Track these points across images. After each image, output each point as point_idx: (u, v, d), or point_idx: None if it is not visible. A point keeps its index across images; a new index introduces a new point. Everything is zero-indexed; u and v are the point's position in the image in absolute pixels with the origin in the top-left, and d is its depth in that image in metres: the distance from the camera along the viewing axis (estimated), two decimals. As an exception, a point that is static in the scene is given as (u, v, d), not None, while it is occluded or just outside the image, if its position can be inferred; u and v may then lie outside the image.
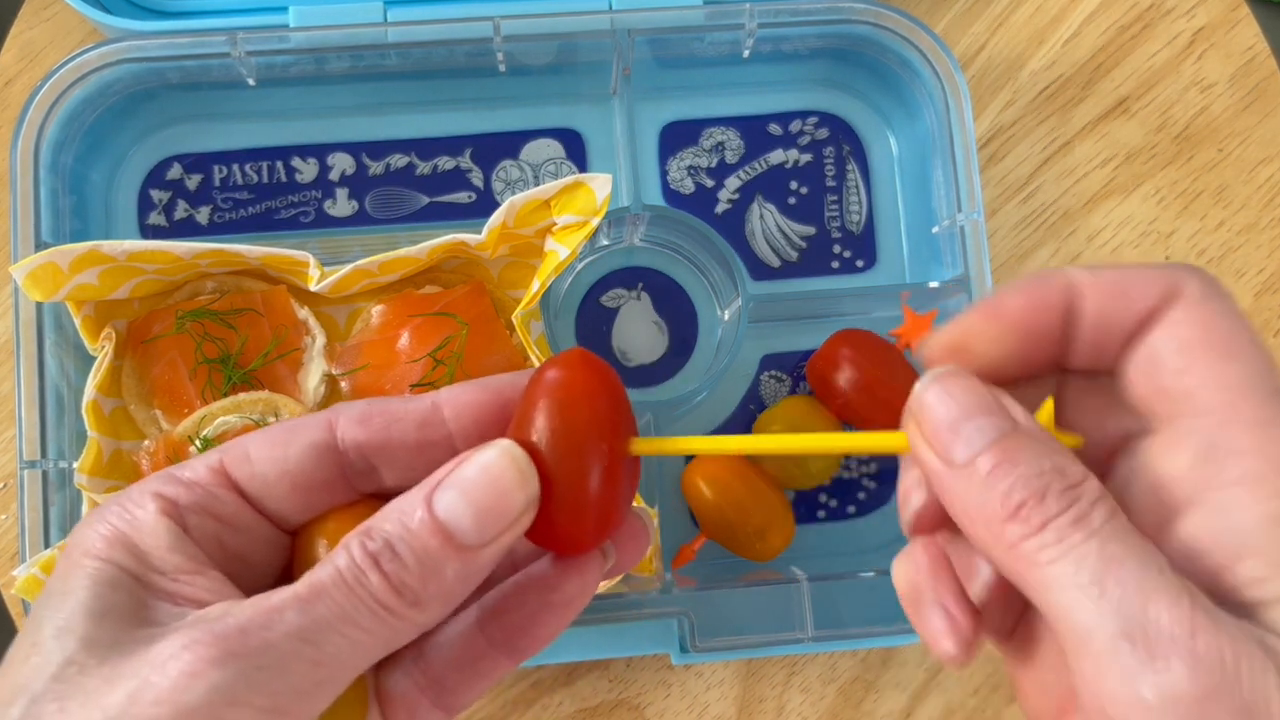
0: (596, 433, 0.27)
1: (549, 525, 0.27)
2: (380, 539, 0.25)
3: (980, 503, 0.25)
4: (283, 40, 0.52)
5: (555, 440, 0.26)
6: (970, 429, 0.25)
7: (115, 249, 0.48)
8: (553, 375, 0.27)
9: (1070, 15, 0.61)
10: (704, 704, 0.55)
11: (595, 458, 0.26)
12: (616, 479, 0.27)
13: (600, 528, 0.27)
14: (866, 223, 0.58)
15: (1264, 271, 0.59)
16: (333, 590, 0.24)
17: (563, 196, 0.49)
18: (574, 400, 0.27)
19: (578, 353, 0.27)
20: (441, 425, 0.28)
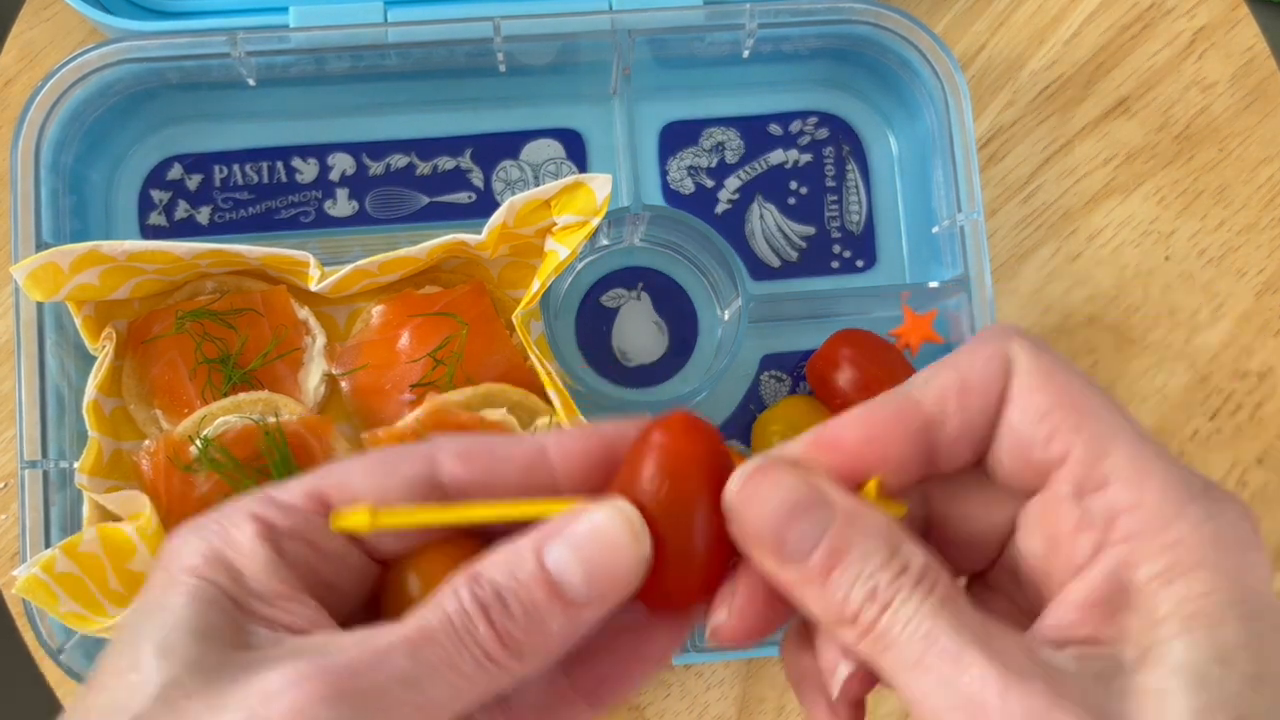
0: (707, 497, 0.27)
1: (656, 584, 0.27)
2: (490, 588, 0.25)
3: (820, 602, 0.25)
4: (283, 40, 0.52)
5: (666, 502, 0.26)
6: (794, 534, 0.25)
7: (115, 249, 0.49)
8: (660, 438, 0.27)
9: (1070, 15, 0.61)
10: (704, 704, 0.55)
11: (704, 521, 0.27)
12: (724, 541, 0.27)
13: (705, 589, 0.27)
14: (866, 223, 0.58)
15: (1264, 271, 0.59)
16: (441, 637, 0.24)
17: (563, 196, 0.49)
18: (684, 464, 0.27)
19: (684, 417, 0.27)
20: (547, 470, 0.28)
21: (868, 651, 0.25)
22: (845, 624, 0.25)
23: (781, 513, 0.25)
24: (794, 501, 0.25)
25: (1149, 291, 0.59)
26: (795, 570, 0.25)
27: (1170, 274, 0.59)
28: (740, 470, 0.26)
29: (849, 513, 0.25)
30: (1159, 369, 0.59)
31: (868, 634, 0.25)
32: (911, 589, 0.24)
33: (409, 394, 0.52)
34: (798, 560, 0.25)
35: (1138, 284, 0.59)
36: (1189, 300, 0.59)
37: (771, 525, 0.25)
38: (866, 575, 0.25)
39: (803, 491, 0.26)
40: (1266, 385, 0.59)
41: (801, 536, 0.25)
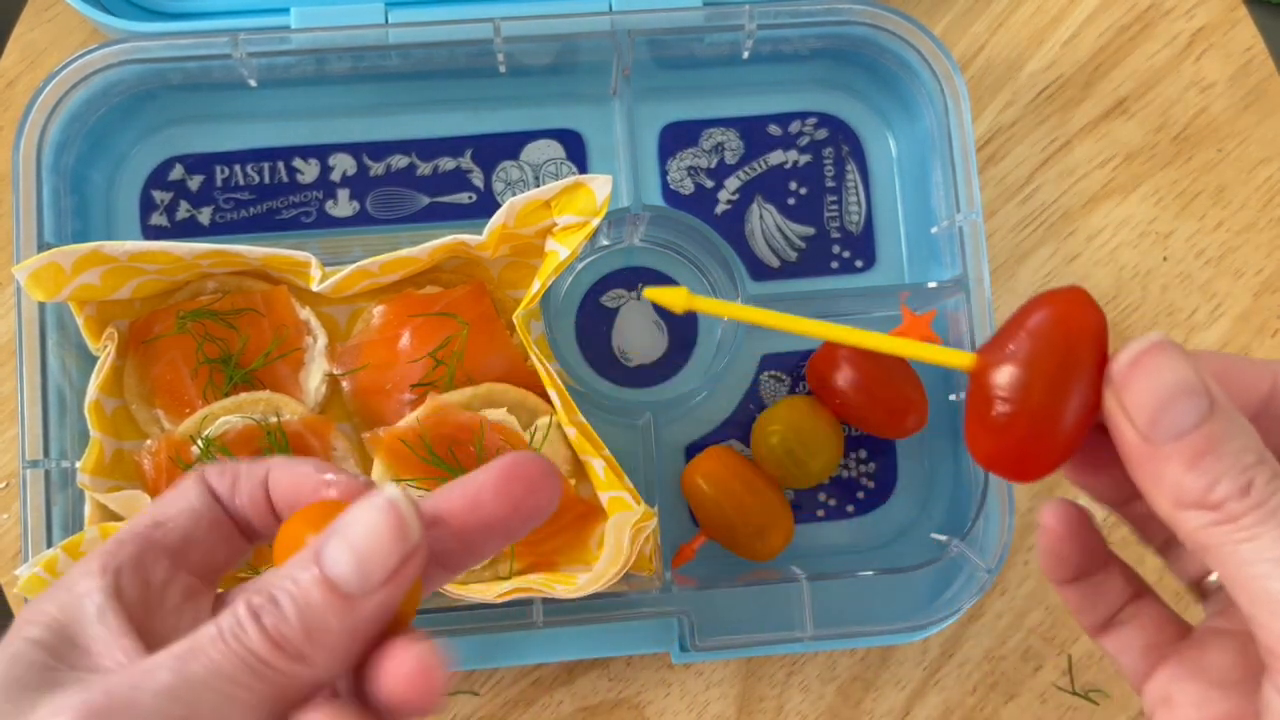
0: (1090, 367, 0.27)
1: (1023, 446, 0.28)
2: (264, 593, 0.25)
3: (1178, 484, 0.26)
4: (284, 41, 0.53)
5: (1053, 366, 0.27)
6: (1174, 411, 0.26)
7: (117, 249, 0.49)
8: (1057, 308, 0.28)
9: (1070, 16, 0.61)
10: (704, 703, 0.56)
11: (1083, 390, 0.27)
12: (1092, 413, 0.27)
13: (1065, 455, 0.28)
14: (865, 223, 0.58)
15: (1262, 272, 0.59)
16: (208, 647, 0.24)
17: (563, 197, 0.49)
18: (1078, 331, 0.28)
19: (1079, 291, 0.28)
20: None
21: (1215, 539, 0.25)
22: (1199, 508, 0.25)
23: (1168, 388, 0.26)
24: (1183, 381, 0.26)
25: (1147, 292, 0.59)
26: (1164, 446, 0.26)
27: (1168, 274, 0.59)
28: (1135, 343, 0.27)
29: (1227, 407, 0.26)
30: (1157, 369, 0.59)
31: (1228, 523, 0.25)
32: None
33: (410, 394, 0.52)
34: (1171, 437, 0.26)
35: (1136, 284, 0.59)
36: (1187, 300, 0.59)
37: (1155, 399, 0.26)
38: (1241, 469, 0.25)
39: (1192, 376, 0.26)
40: (1265, 385, 0.59)
41: (1183, 414, 0.26)
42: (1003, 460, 0.28)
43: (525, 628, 0.50)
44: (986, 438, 0.28)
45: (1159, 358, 0.26)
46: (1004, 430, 0.28)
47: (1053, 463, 0.28)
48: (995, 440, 0.28)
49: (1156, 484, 0.26)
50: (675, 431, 0.56)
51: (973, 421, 0.29)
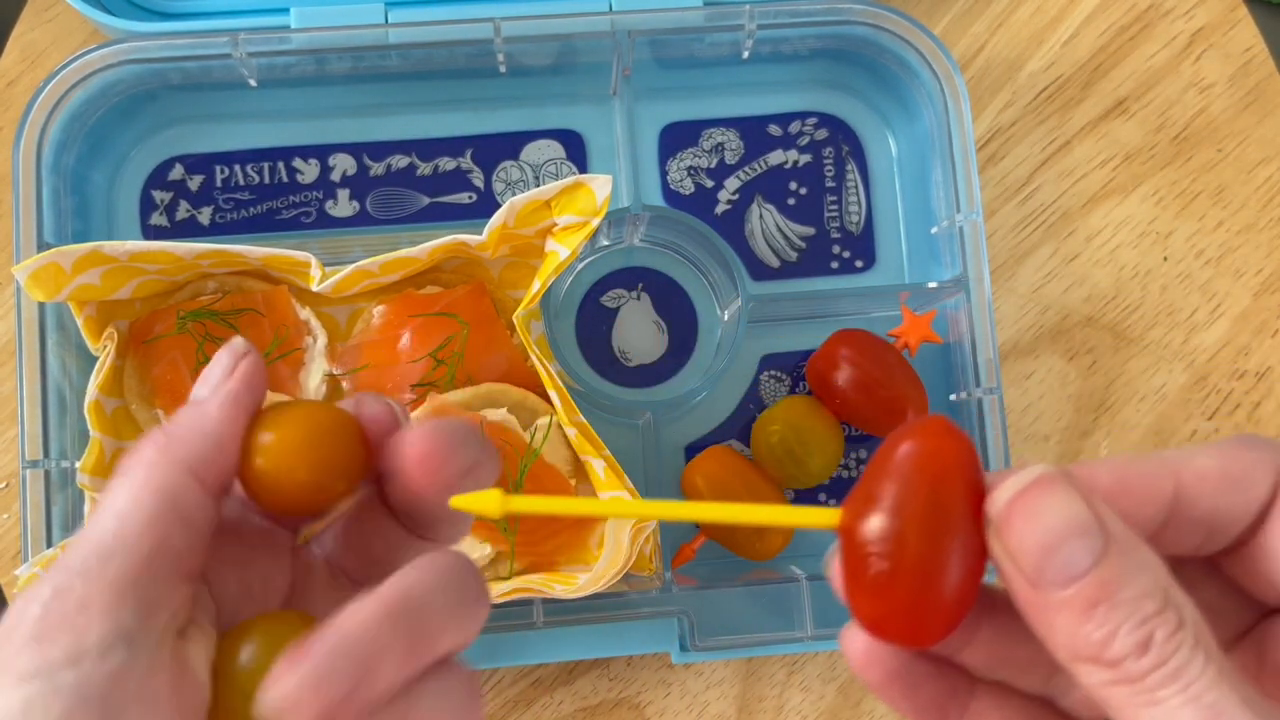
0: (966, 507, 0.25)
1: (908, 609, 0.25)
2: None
3: (1070, 634, 0.23)
4: (284, 41, 0.53)
5: (924, 511, 0.24)
6: (1062, 556, 0.23)
7: (117, 249, 0.49)
8: (918, 442, 0.25)
9: (1069, 16, 0.61)
10: (704, 703, 0.56)
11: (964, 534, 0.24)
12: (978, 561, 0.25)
13: (957, 613, 0.25)
14: (866, 223, 0.58)
15: (1262, 272, 0.60)
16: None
17: (563, 197, 0.49)
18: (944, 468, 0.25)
19: (941, 420, 0.25)
20: None
21: (1115, 699, 0.23)
22: (1097, 664, 0.23)
23: (1054, 530, 0.23)
24: (1070, 520, 0.23)
25: (1147, 291, 0.59)
26: (1054, 594, 0.23)
27: (1168, 274, 0.59)
28: (1014, 478, 0.24)
29: (1125, 544, 0.23)
30: (1157, 369, 0.59)
31: (1129, 683, 0.23)
32: (1193, 648, 0.23)
33: (410, 394, 0.52)
34: (1060, 584, 0.23)
35: (1136, 284, 0.59)
36: (1187, 300, 0.59)
37: (1039, 543, 0.23)
38: (1139, 620, 0.23)
39: (1082, 513, 0.23)
40: (1264, 385, 0.59)
41: (1072, 559, 0.23)
42: (892, 624, 0.25)
43: (525, 628, 0.50)
44: (869, 601, 0.25)
45: (1041, 495, 0.24)
46: (886, 590, 0.24)
47: (949, 618, 0.25)
48: (880, 603, 0.25)
49: (1049, 632, 0.24)
50: (675, 431, 0.56)
51: (851, 585, 0.25)
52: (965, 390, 0.54)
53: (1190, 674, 0.22)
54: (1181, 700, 0.22)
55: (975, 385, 0.53)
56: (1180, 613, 0.23)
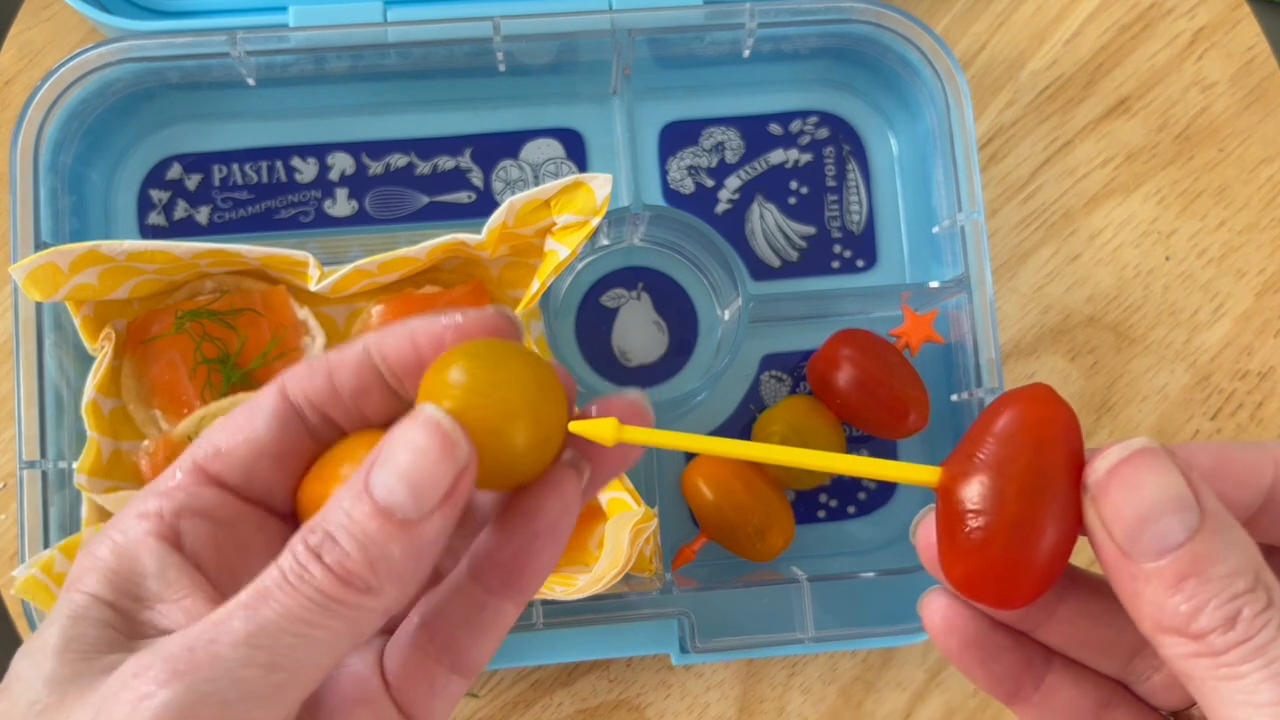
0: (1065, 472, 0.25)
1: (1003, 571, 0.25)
2: (320, 532, 0.24)
3: (1159, 606, 0.23)
4: (282, 40, 0.52)
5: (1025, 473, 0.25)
6: (1157, 528, 0.23)
7: (115, 249, 0.48)
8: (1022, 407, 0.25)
9: (1071, 15, 0.61)
10: (704, 704, 0.55)
11: (1061, 498, 0.25)
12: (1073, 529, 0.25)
13: (1049, 576, 0.25)
14: (867, 222, 0.58)
15: (1264, 272, 0.59)
16: (276, 591, 0.24)
17: (563, 196, 0.49)
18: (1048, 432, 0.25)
19: (1044, 388, 0.26)
20: (374, 369, 0.28)
21: (1197, 671, 0.23)
22: (1182, 635, 0.23)
23: (1151, 502, 0.24)
24: (1168, 494, 0.24)
25: (1149, 291, 0.59)
26: (1145, 564, 0.24)
27: (1170, 274, 0.59)
28: (1117, 447, 0.24)
29: (1220, 522, 0.24)
30: (1159, 369, 0.59)
31: (1210, 656, 0.23)
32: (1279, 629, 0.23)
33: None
34: (1152, 555, 0.23)
35: (1138, 284, 0.59)
36: (1189, 300, 0.59)
37: (1135, 513, 0.24)
38: (1228, 596, 0.23)
39: (1179, 486, 0.24)
40: (1267, 385, 0.59)
41: (1167, 531, 0.23)
42: (984, 583, 0.25)
43: (525, 629, 0.50)
44: (963, 560, 0.25)
45: (1141, 467, 0.24)
46: (981, 549, 0.25)
47: (1040, 581, 0.25)
48: (973, 561, 0.25)
49: (1135, 601, 0.24)
50: (676, 431, 0.56)
51: (945, 544, 0.26)
52: (967, 390, 0.54)
53: (1274, 651, 0.22)
54: (1263, 675, 0.22)
55: (977, 385, 0.53)
56: (1270, 594, 0.23)
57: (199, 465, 0.28)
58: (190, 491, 0.27)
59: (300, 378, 0.28)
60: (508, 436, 0.25)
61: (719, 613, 0.51)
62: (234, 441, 0.28)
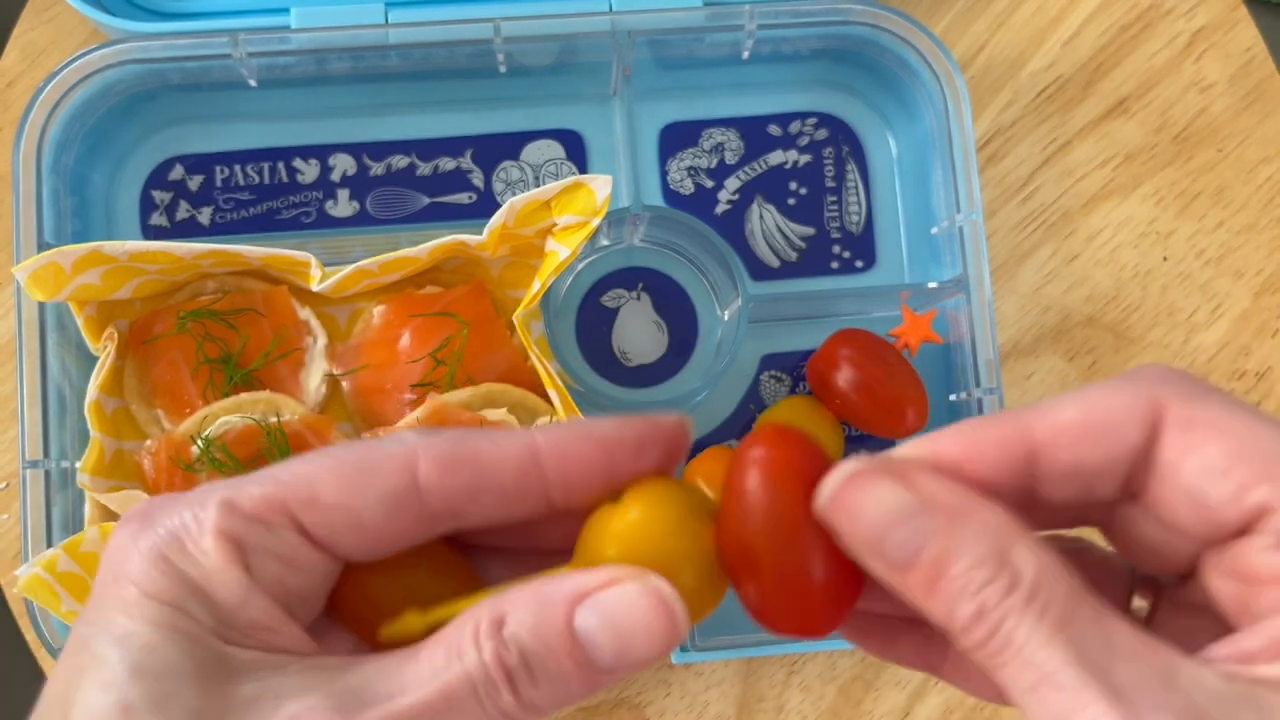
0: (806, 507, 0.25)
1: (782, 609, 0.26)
2: (515, 650, 0.24)
3: (927, 612, 0.24)
4: (284, 41, 0.52)
5: (770, 517, 0.25)
6: (890, 545, 0.23)
7: (117, 249, 0.49)
8: (756, 452, 0.26)
9: (1070, 16, 0.61)
10: (704, 703, 0.56)
11: (815, 534, 0.25)
12: (837, 549, 0.25)
13: (835, 606, 0.26)
14: (866, 223, 0.58)
15: (1263, 272, 0.59)
16: (466, 701, 0.23)
17: (563, 197, 0.49)
18: (782, 473, 0.25)
19: (775, 427, 0.26)
20: (539, 475, 0.26)
21: (982, 663, 0.23)
22: (956, 635, 0.23)
23: (875, 523, 0.24)
24: (889, 510, 0.24)
25: (1148, 292, 0.59)
26: (901, 577, 0.24)
27: (1169, 274, 0.59)
28: (831, 477, 0.25)
29: (953, 515, 0.23)
30: (1158, 369, 0.59)
31: (980, 649, 0.23)
32: (1023, 610, 0.23)
33: (410, 394, 0.52)
34: (901, 569, 0.24)
35: (1136, 284, 0.59)
36: (1188, 301, 0.59)
37: (867, 537, 0.24)
38: (973, 590, 0.23)
39: (899, 499, 0.24)
40: (1264, 385, 0.59)
41: (902, 543, 0.23)
42: (783, 623, 0.26)
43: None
44: (752, 606, 0.26)
45: (855, 491, 0.24)
46: (761, 599, 0.26)
47: (833, 607, 0.26)
48: (760, 607, 0.26)
49: (918, 609, 0.24)
50: (675, 432, 0.56)
51: (738, 592, 0.26)
52: (965, 391, 0.54)
53: (1020, 636, 0.22)
54: (1018, 664, 0.22)
55: (975, 386, 0.53)
56: (1017, 573, 0.23)
57: (289, 508, 0.25)
58: (273, 529, 0.25)
59: (438, 466, 0.26)
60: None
61: (719, 611, 0.51)
62: (334, 502, 0.25)
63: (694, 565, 0.26)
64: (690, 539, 0.26)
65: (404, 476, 0.25)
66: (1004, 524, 0.23)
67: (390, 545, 0.26)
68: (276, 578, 0.25)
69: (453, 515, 0.26)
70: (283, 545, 0.25)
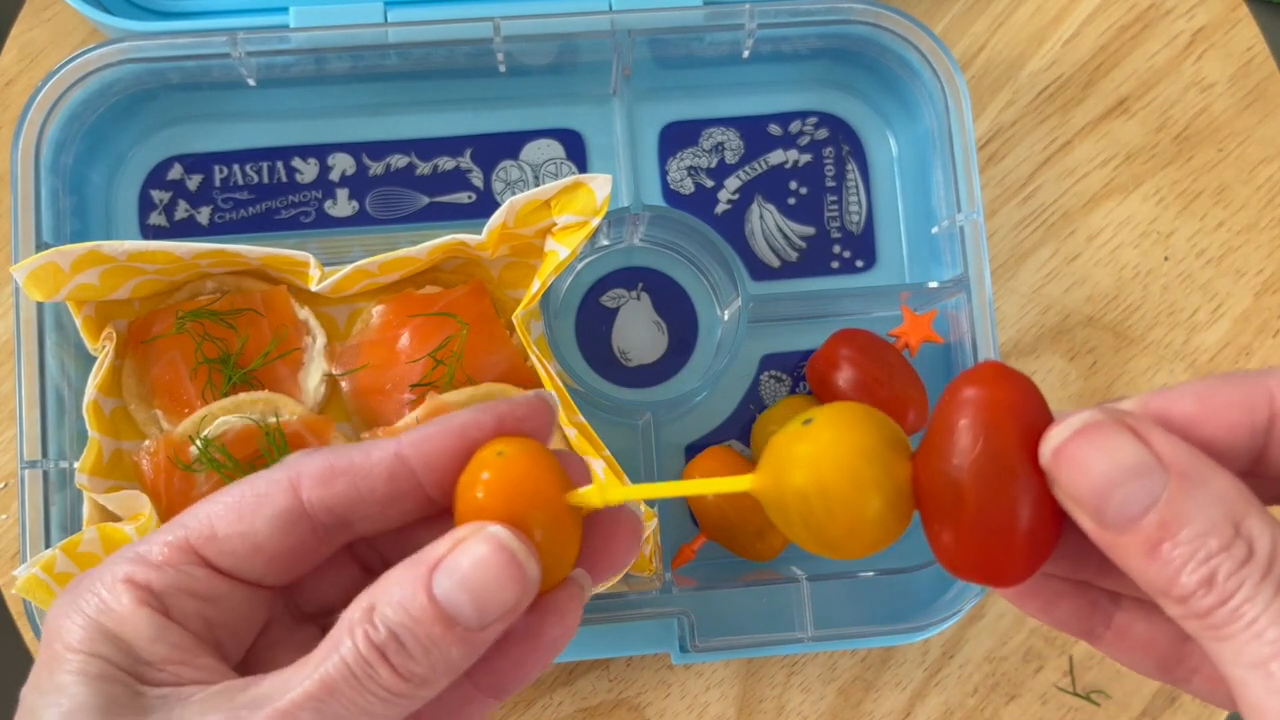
0: (1026, 452, 0.24)
1: (978, 554, 0.25)
2: (384, 628, 0.25)
3: (1140, 572, 0.23)
4: (283, 41, 0.52)
5: (980, 461, 0.24)
6: (1117, 500, 0.23)
7: (116, 249, 0.49)
8: (972, 391, 0.25)
9: (1070, 15, 0.61)
10: (704, 704, 0.55)
11: (1025, 479, 0.24)
12: (1047, 499, 0.24)
13: (1033, 554, 0.25)
14: (866, 223, 0.58)
15: (1263, 272, 0.59)
16: (344, 687, 0.25)
17: (563, 197, 0.49)
18: (999, 416, 0.24)
19: (994, 366, 0.25)
20: (410, 475, 0.28)
21: (1194, 631, 0.23)
22: (1173, 600, 0.23)
23: (1105, 476, 0.23)
24: (1122, 463, 0.23)
25: (1148, 292, 0.59)
26: (1119, 536, 0.23)
27: (1169, 274, 0.59)
28: (1062, 425, 0.24)
29: (1187, 476, 0.23)
30: (1158, 369, 0.59)
31: (1198, 618, 0.22)
32: (1258, 582, 0.22)
33: (409, 394, 0.52)
34: (1121, 528, 0.23)
35: (1137, 284, 0.59)
36: (1188, 300, 0.59)
37: (1093, 489, 0.23)
38: (1203, 557, 0.22)
39: (1133, 454, 0.23)
40: (1266, 385, 0.59)
41: (1128, 501, 0.23)
42: (971, 569, 0.25)
43: (525, 628, 0.50)
44: (945, 551, 0.26)
45: (1087, 443, 0.23)
46: (957, 541, 0.25)
47: (1027, 557, 0.25)
48: (954, 552, 0.25)
49: (1126, 570, 0.23)
50: (675, 431, 0.56)
51: (930, 536, 0.26)
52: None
53: (1254, 609, 0.22)
54: (1246, 637, 0.22)
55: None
56: (1252, 544, 0.22)
57: (192, 546, 0.28)
58: (180, 569, 0.27)
59: (317, 481, 0.28)
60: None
61: (719, 612, 0.51)
62: (231, 531, 0.28)
63: (883, 494, 0.25)
64: (882, 467, 0.25)
65: (289, 497, 0.28)
66: (1239, 492, 0.23)
67: (294, 564, 0.28)
68: (196, 612, 0.27)
69: (343, 525, 0.28)
70: (195, 582, 0.27)
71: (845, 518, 0.25)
